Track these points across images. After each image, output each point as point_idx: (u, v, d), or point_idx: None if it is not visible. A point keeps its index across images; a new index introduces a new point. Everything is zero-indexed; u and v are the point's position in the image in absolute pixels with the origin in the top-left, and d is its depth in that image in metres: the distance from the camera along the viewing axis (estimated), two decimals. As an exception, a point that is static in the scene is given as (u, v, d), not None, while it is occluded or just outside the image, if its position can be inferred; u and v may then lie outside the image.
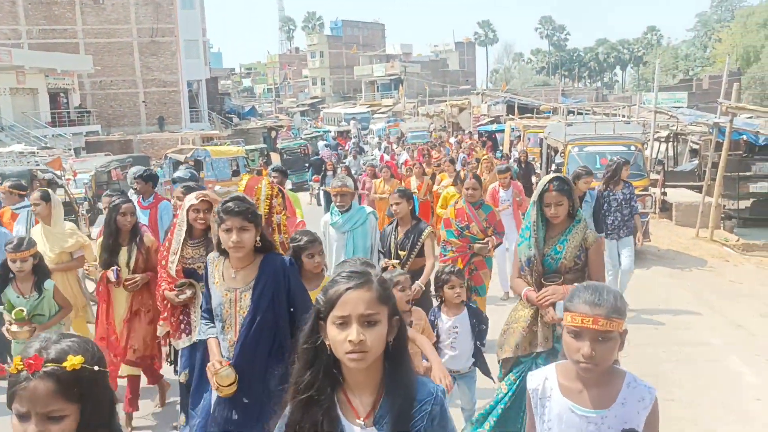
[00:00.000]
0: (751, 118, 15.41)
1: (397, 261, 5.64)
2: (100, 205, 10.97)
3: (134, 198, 8.49)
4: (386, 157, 22.81)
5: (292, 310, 3.47)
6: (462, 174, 10.46)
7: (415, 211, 6.35)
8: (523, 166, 16.34)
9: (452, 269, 4.67)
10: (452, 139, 31.11)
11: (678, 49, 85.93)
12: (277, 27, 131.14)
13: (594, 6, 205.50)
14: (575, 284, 2.76)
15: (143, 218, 6.66)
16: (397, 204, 5.87)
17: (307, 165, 23.23)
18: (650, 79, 73.07)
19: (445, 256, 6.56)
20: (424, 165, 13.80)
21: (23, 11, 43.53)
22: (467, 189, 6.72)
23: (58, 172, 15.71)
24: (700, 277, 10.18)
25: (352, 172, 16.52)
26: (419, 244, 5.80)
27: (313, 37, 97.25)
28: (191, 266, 4.57)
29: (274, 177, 7.51)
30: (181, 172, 12.38)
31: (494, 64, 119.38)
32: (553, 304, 3.91)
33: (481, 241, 6.51)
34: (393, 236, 5.98)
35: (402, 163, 18.09)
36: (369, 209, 6.08)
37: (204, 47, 51.34)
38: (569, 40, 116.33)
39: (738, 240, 12.69)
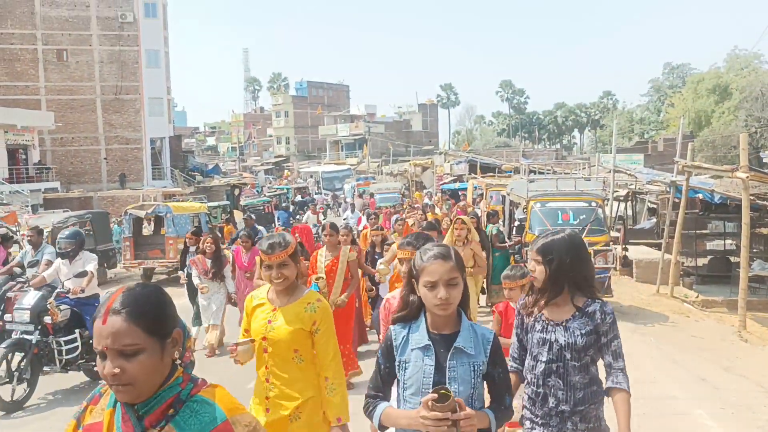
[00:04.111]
0: (706, 177, 15.85)
1: None
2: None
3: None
4: (364, 221, 17.65)
5: None
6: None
7: None
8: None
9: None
10: (426, 200, 28.76)
11: (633, 113, 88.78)
12: (243, 87, 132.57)
13: (552, 71, 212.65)
14: None
15: None
16: None
17: (284, 206, 24.84)
18: (607, 142, 75.21)
19: None
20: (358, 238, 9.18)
21: (-16, 67, 43.29)
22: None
23: (12, 227, 15.35)
24: (662, 332, 10.24)
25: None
26: None
27: (278, 97, 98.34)
28: None
29: None
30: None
31: (456, 125, 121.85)
32: None
33: None
34: None
35: (361, 229, 14.06)
36: None
37: (168, 105, 51.36)
38: (529, 104, 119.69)
39: (698, 296, 12.85)
